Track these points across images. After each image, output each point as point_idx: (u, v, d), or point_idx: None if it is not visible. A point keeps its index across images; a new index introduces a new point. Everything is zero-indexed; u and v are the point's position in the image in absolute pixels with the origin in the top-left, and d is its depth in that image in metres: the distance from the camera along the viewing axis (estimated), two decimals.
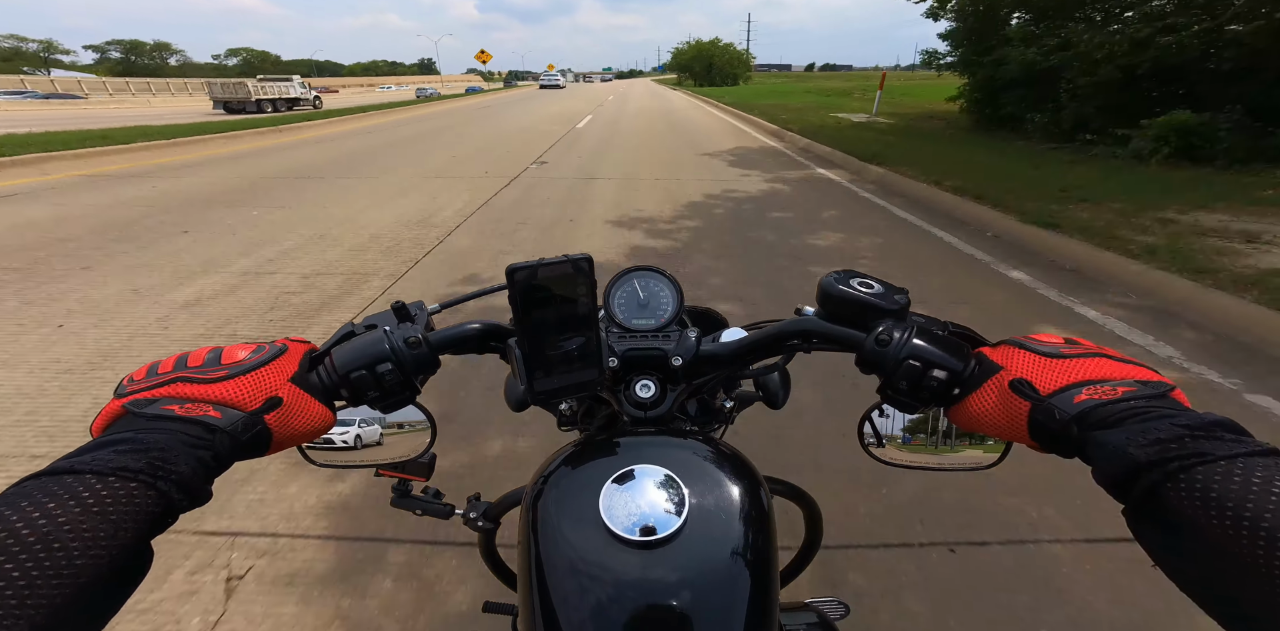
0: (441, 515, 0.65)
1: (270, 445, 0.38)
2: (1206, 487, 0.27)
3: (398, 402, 0.45)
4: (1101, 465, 0.32)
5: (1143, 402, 0.33)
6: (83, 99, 39.07)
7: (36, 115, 22.87)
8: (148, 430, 0.32)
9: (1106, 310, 3.07)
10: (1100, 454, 0.32)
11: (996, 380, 0.39)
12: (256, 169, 7.92)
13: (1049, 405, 0.35)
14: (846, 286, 0.47)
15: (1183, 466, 0.28)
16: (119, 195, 6.01)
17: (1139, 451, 0.30)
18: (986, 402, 0.39)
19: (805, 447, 1.92)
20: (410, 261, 3.88)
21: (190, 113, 23.37)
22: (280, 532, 1.58)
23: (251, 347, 0.41)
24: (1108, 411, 0.33)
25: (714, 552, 0.39)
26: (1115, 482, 0.31)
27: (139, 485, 0.29)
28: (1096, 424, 0.33)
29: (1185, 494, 0.27)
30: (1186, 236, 3.90)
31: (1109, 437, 0.32)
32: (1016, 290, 3.41)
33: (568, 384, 0.45)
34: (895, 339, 0.43)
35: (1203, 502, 0.26)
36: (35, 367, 2.45)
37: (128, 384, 0.37)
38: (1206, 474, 0.27)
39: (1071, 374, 0.37)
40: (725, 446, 0.49)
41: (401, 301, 0.49)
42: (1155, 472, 0.29)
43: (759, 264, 3.81)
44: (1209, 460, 0.27)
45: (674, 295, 0.60)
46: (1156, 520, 0.29)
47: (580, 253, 0.41)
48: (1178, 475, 0.28)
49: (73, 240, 4.34)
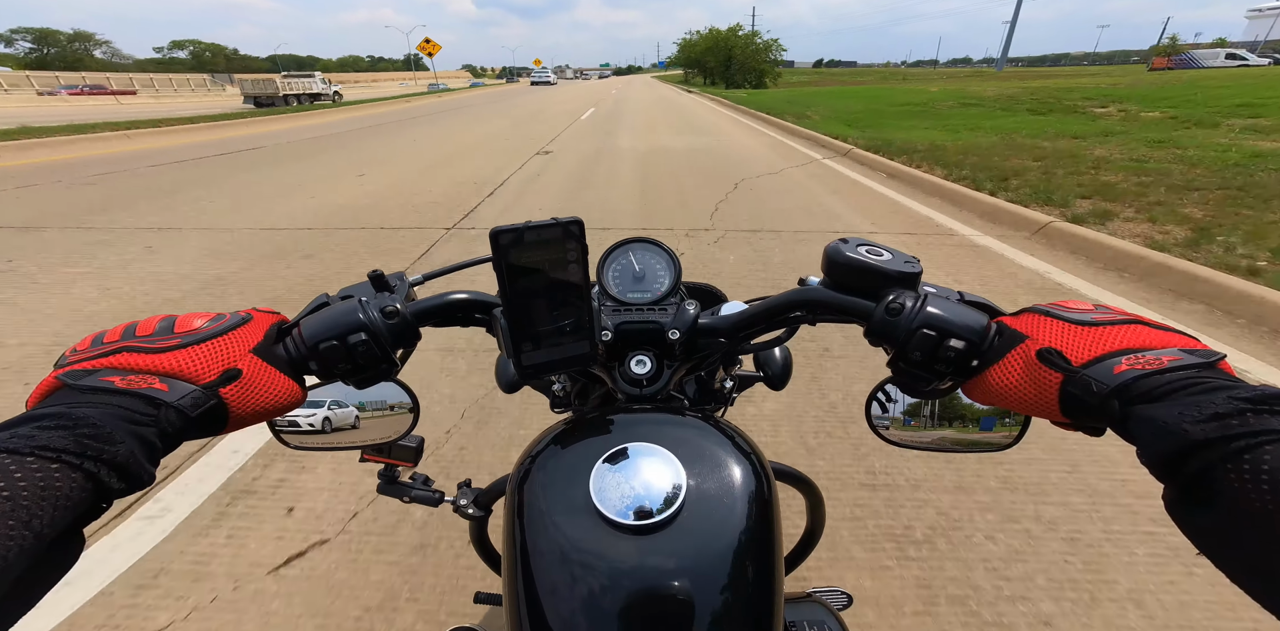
0: (430, 502, 0.64)
1: (228, 421, 0.35)
2: (1272, 468, 0.23)
3: (373, 377, 0.42)
4: (1149, 442, 0.28)
5: (1192, 373, 0.29)
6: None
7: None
8: (80, 404, 0.29)
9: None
10: (1148, 430, 0.28)
11: (1022, 350, 0.36)
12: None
13: (1084, 376, 0.32)
14: (854, 253, 0.44)
15: (1248, 445, 0.24)
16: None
17: (1194, 428, 0.26)
18: (1011, 374, 0.36)
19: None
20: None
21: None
22: None
23: (210, 316, 0.38)
24: (1153, 382, 0.29)
25: (713, 538, 0.36)
26: (1165, 462, 0.27)
27: (62, 466, 0.25)
28: (1140, 397, 0.29)
29: (1249, 475, 0.24)
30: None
31: (1158, 412, 0.28)
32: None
33: (558, 358, 0.42)
34: (908, 307, 0.40)
35: (1270, 485, 0.23)
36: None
37: (69, 355, 0.34)
38: (1272, 454, 0.24)
39: (1107, 342, 0.33)
40: (726, 424, 0.46)
41: (379, 271, 0.46)
42: (1213, 452, 0.25)
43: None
44: (1276, 439, 0.24)
45: (671, 267, 0.57)
46: (1208, 504, 0.26)
47: (571, 216, 0.38)
48: (1241, 455, 0.24)
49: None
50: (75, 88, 45.41)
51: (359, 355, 0.40)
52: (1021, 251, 3.72)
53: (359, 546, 1.45)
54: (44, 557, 0.24)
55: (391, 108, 21.03)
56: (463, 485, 0.65)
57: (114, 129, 10.84)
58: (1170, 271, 3.13)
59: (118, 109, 24.51)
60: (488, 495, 0.63)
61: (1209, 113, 9.46)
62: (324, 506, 1.59)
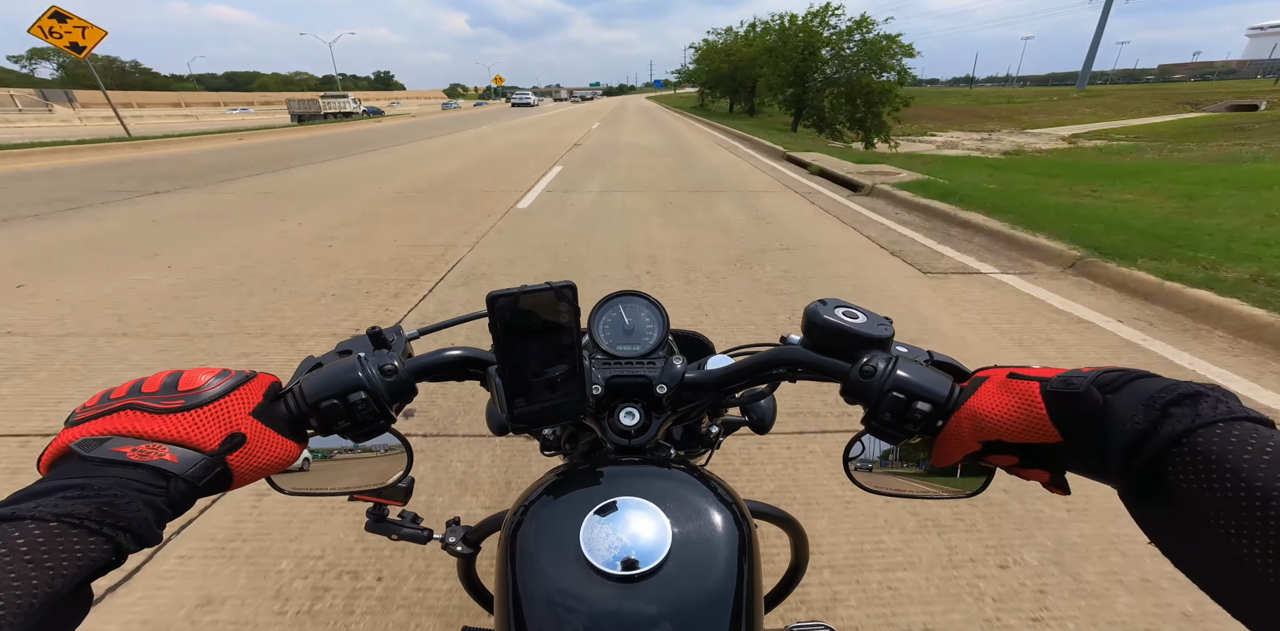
0: (419, 540, 0.64)
1: (232, 483, 0.37)
2: (1206, 451, 0.26)
3: (371, 432, 0.44)
4: (1121, 427, 0.30)
5: (1137, 372, 0.33)
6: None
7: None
8: (97, 476, 0.31)
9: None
10: (1119, 417, 0.31)
11: (991, 380, 0.39)
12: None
13: (1061, 377, 0.35)
14: (831, 316, 0.46)
15: (1188, 427, 0.28)
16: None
17: (1145, 412, 0.29)
18: (991, 399, 0.38)
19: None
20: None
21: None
22: None
23: (215, 372, 0.39)
24: (1115, 376, 0.33)
25: (696, 586, 0.38)
26: (1129, 448, 0.30)
27: (82, 531, 0.28)
28: (1108, 386, 0.33)
29: (1188, 460, 0.27)
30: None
31: (1124, 399, 0.31)
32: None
33: (549, 411, 0.44)
34: (879, 370, 0.43)
35: (1202, 467, 0.26)
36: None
37: (79, 412, 0.36)
38: (1206, 437, 0.27)
39: (1059, 371, 0.37)
40: (708, 475, 0.48)
41: (378, 327, 0.48)
42: (1163, 435, 0.28)
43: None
44: (1211, 422, 0.27)
45: (659, 321, 0.59)
46: (1156, 495, 0.29)
47: (563, 280, 0.40)
48: (1184, 438, 0.27)
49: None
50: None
51: (359, 412, 0.42)
52: None
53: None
54: (60, 609, 0.27)
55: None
56: (451, 523, 0.66)
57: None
58: None
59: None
60: (476, 533, 0.64)
61: None
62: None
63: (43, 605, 0.26)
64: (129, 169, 9.38)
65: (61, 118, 35.92)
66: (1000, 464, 0.40)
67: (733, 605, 0.38)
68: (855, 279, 3.70)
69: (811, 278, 3.68)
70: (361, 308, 3.18)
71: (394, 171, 9.01)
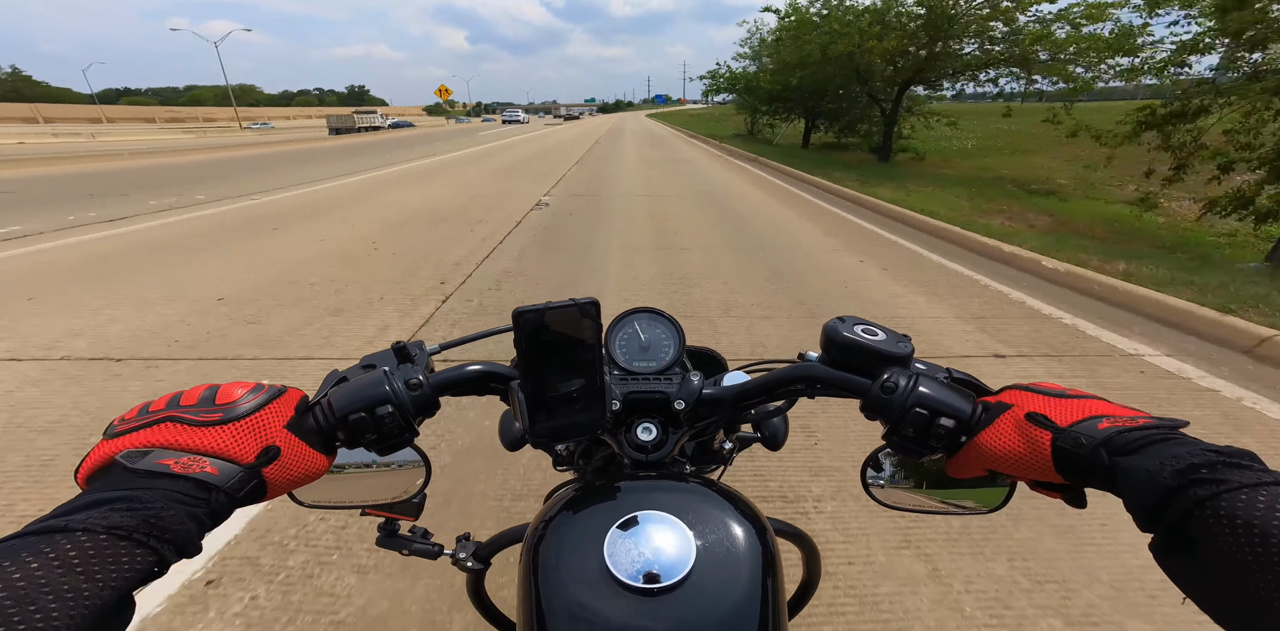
0: (429, 555, 0.64)
1: (266, 494, 0.38)
2: (1233, 514, 0.27)
3: (395, 445, 0.45)
4: (1134, 491, 0.31)
5: (1165, 431, 0.33)
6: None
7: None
8: (141, 487, 0.32)
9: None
10: (1131, 481, 0.32)
11: (1010, 414, 0.40)
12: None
13: (1073, 433, 0.36)
14: (850, 333, 0.47)
15: (1215, 493, 0.28)
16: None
17: (1170, 478, 0.30)
18: (1004, 437, 0.39)
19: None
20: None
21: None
22: None
23: (249, 386, 0.41)
24: (1133, 436, 0.33)
25: (721, 598, 0.38)
26: (1147, 509, 0.30)
27: (130, 543, 0.29)
28: (1122, 449, 0.33)
29: (1218, 522, 0.27)
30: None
31: (1139, 462, 0.32)
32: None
33: (569, 426, 0.45)
34: (901, 386, 0.43)
35: (1230, 529, 0.27)
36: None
37: (118, 424, 0.37)
38: (1232, 500, 0.27)
39: (1084, 410, 0.37)
40: (728, 489, 0.48)
41: (402, 342, 0.49)
42: (1187, 499, 0.29)
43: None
44: (1238, 487, 0.28)
45: (675, 337, 0.60)
46: (1186, 550, 0.29)
47: (587, 297, 0.41)
48: (1210, 501, 0.28)
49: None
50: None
51: (385, 425, 0.42)
52: None
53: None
54: (106, 618, 0.28)
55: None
56: (462, 538, 0.66)
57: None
58: None
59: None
60: (487, 548, 0.64)
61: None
62: None
63: (91, 614, 0.26)
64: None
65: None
66: (1012, 480, 0.41)
67: (758, 619, 0.39)
68: None
69: None
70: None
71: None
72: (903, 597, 1.47)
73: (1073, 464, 0.35)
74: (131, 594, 0.30)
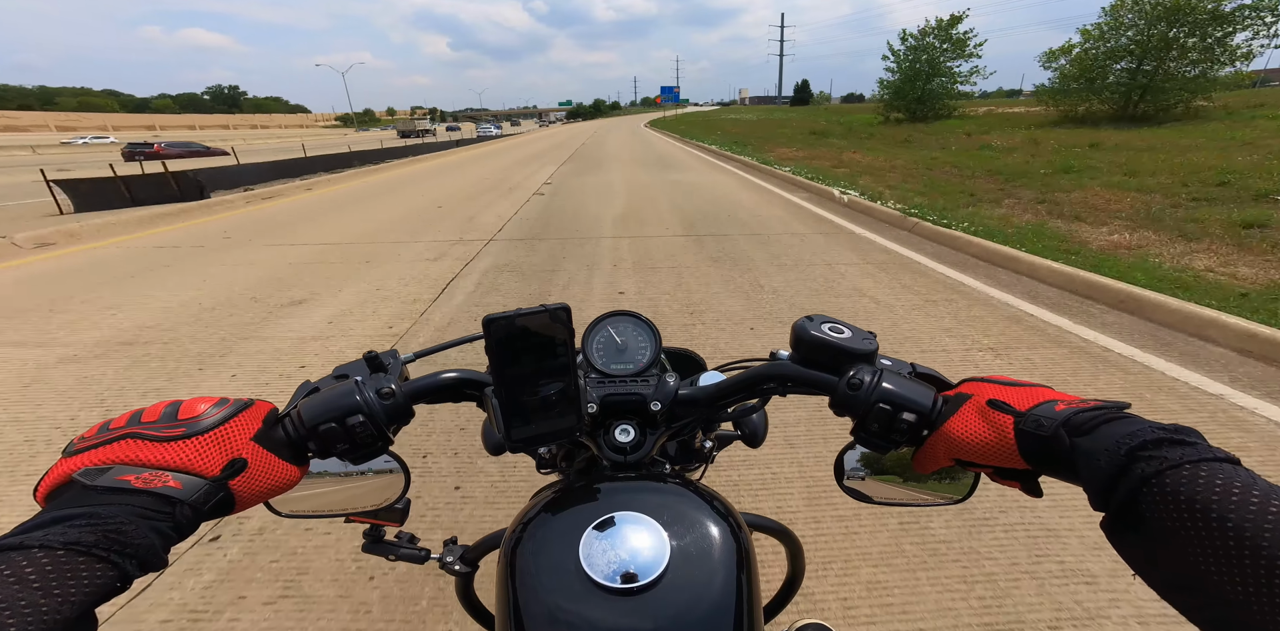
0: (417, 560, 0.64)
1: (235, 507, 0.38)
2: (1176, 490, 0.28)
3: (369, 454, 0.45)
4: (1090, 470, 0.32)
5: (1114, 411, 0.35)
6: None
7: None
8: (101, 504, 0.31)
9: None
10: (1089, 459, 0.33)
11: (973, 402, 0.41)
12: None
13: (1033, 415, 0.37)
14: (818, 332, 0.48)
15: (1159, 469, 0.29)
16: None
17: (1125, 455, 0.31)
18: (970, 425, 0.40)
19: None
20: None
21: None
22: None
23: (214, 401, 0.40)
24: (1087, 416, 0.35)
25: (696, 597, 0.39)
26: (1101, 488, 0.31)
27: (89, 558, 0.29)
28: (1079, 429, 0.34)
29: (1161, 498, 0.28)
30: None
31: (1095, 442, 0.33)
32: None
33: (546, 431, 0.45)
34: (866, 383, 0.44)
35: (1173, 505, 0.28)
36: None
37: (78, 442, 0.36)
38: (1175, 477, 0.28)
39: (1038, 395, 0.40)
40: (704, 489, 0.49)
41: (374, 351, 0.49)
42: (1134, 476, 0.30)
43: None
44: (1180, 464, 0.29)
45: (652, 339, 0.60)
46: (1135, 528, 0.30)
47: (558, 302, 0.42)
48: (1155, 478, 0.29)
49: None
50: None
51: (357, 435, 0.43)
52: None
53: None
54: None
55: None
56: (449, 542, 0.66)
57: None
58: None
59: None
60: (475, 551, 0.65)
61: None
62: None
63: (50, 630, 0.26)
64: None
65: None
66: (976, 470, 0.42)
67: (734, 616, 0.39)
68: None
69: None
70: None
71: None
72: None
73: (1034, 447, 0.36)
74: (93, 610, 0.30)
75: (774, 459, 2.09)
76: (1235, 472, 0.28)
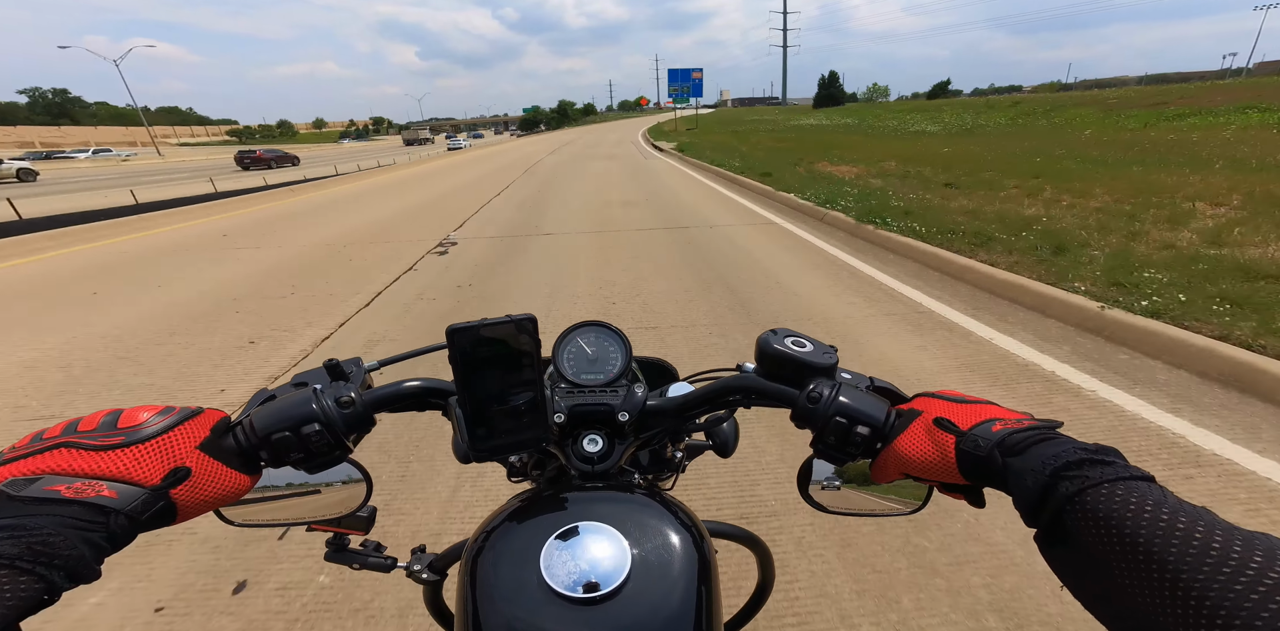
0: (383, 569, 0.63)
1: (178, 516, 0.37)
2: (1096, 508, 0.30)
3: (326, 463, 0.44)
4: (1019, 489, 0.34)
5: (1044, 432, 0.37)
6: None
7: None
8: (29, 515, 0.30)
9: None
10: (1018, 479, 0.34)
11: (922, 420, 0.43)
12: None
13: (972, 436, 0.39)
14: (780, 345, 0.49)
15: (1081, 488, 0.31)
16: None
17: (1050, 476, 0.32)
18: (917, 441, 0.42)
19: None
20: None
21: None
22: None
23: (158, 409, 0.39)
24: (1018, 438, 0.37)
25: (656, 607, 0.39)
26: (1030, 506, 0.33)
27: (12, 571, 0.28)
28: (1012, 449, 0.36)
29: (1084, 515, 0.30)
30: None
31: (1024, 462, 0.35)
32: None
33: (511, 441, 0.45)
34: (824, 396, 0.45)
35: (1094, 522, 0.29)
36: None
37: (7, 452, 0.35)
38: (1095, 495, 0.30)
39: (980, 413, 0.41)
40: (669, 499, 0.49)
41: (335, 359, 0.48)
42: (1059, 495, 0.31)
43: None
44: (1099, 482, 0.30)
45: (622, 350, 0.60)
46: (1063, 543, 0.32)
47: (525, 313, 0.41)
48: (1078, 496, 0.31)
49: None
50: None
51: (312, 444, 0.42)
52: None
53: None
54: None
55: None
56: (416, 551, 0.65)
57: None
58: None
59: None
60: (442, 560, 0.64)
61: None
62: None
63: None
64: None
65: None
66: (926, 484, 0.45)
67: (693, 625, 0.39)
68: None
69: None
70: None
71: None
72: None
73: (973, 465, 0.38)
74: (18, 623, 0.29)
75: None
76: (1149, 490, 0.30)
